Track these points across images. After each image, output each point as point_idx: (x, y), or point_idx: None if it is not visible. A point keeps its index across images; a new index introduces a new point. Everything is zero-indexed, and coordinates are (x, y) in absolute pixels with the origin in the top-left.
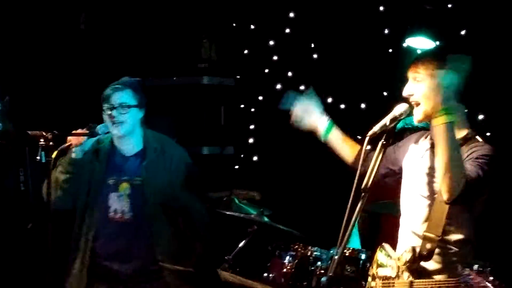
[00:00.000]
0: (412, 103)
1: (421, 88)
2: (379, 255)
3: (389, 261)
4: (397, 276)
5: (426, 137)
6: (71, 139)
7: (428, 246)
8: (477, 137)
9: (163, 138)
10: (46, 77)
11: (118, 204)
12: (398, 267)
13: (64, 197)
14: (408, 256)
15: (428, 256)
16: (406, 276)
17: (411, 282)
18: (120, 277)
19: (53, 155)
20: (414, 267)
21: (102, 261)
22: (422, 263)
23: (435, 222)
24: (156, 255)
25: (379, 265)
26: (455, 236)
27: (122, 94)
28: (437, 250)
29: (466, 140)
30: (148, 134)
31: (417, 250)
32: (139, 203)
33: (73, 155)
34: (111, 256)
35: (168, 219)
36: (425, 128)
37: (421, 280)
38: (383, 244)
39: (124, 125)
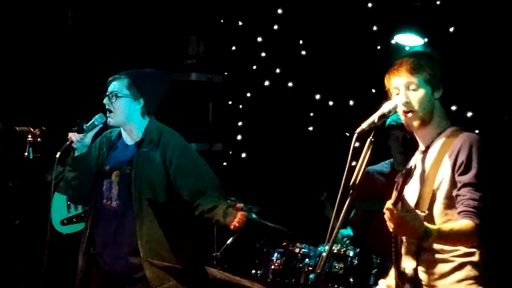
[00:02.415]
0: (404, 110)
1: (417, 95)
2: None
3: None
4: None
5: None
6: (71, 136)
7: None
8: (457, 131)
9: (165, 131)
10: (34, 74)
11: (109, 191)
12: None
13: (77, 193)
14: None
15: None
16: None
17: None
18: (106, 268)
19: (57, 156)
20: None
21: (97, 249)
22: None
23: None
24: (138, 247)
25: None
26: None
27: (116, 83)
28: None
29: (448, 135)
30: (152, 126)
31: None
32: (126, 192)
33: (76, 152)
34: (104, 243)
35: (156, 213)
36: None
37: None
38: None
39: (113, 115)
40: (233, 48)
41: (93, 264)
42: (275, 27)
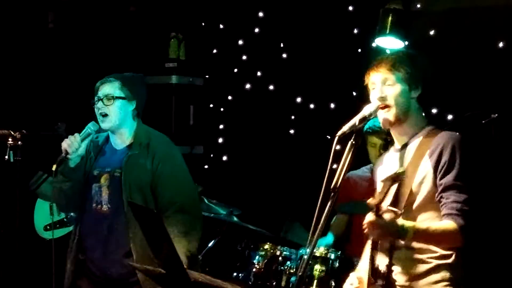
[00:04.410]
0: (380, 106)
1: (393, 91)
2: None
3: None
4: None
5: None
6: (65, 147)
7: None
8: (435, 130)
9: (154, 135)
10: (15, 77)
11: (98, 195)
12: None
13: (71, 202)
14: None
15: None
16: None
17: None
18: (98, 273)
19: (53, 168)
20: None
21: (88, 254)
22: None
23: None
24: (132, 251)
25: None
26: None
27: (108, 86)
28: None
29: (425, 135)
30: (141, 129)
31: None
32: (116, 195)
33: (71, 163)
34: (94, 248)
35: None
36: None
37: None
38: None
39: (109, 118)
40: (214, 51)
41: (81, 270)
42: (256, 30)
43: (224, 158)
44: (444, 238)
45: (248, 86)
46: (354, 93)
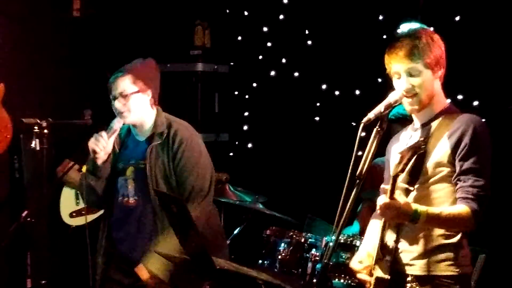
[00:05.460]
0: (407, 95)
1: (419, 81)
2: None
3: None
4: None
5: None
6: (93, 147)
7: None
8: (456, 111)
9: (174, 123)
10: (40, 65)
11: (124, 188)
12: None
13: (101, 198)
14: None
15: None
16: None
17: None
18: (132, 264)
19: (83, 169)
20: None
21: (117, 247)
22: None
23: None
24: (155, 242)
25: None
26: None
27: (120, 83)
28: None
29: (446, 115)
30: (160, 117)
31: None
32: (142, 187)
33: (99, 161)
34: (122, 241)
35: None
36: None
37: None
38: None
39: (128, 114)
40: (239, 38)
41: (112, 262)
42: (281, 17)
43: (249, 145)
44: (456, 223)
45: (273, 73)
46: (379, 80)
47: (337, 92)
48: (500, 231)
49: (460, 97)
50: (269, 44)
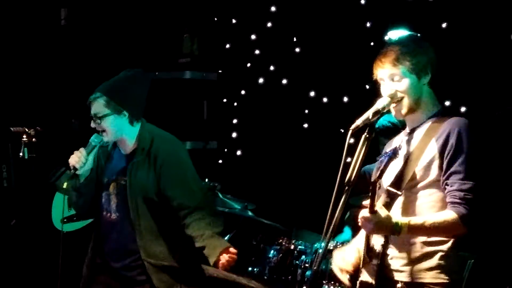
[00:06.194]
0: (393, 101)
1: (402, 86)
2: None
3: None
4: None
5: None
6: (72, 163)
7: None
8: (446, 115)
9: (157, 138)
10: (28, 74)
11: (107, 203)
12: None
13: (88, 211)
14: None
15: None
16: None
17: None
18: (117, 276)
19: (64, 187)
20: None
21: (106, 258)
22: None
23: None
24: (141, 254)
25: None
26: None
27: (95, 105)
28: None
29: (435, 119)
30: (143, 132)
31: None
32: (124, 203)
33: (81, 178)
34: (108, 255)
35: (154, 223)
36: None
37: None
38: None
39: (105, 134)
40: (227, 46)
41: (97, 274)
42: (269, 24)
43: (238, 152)
44: (443, 230)
45: (261, 80)
46: (367, 86)
47: (325, 99)
48: (488, 236)
49: (447, 103)
50: (257, 51)
